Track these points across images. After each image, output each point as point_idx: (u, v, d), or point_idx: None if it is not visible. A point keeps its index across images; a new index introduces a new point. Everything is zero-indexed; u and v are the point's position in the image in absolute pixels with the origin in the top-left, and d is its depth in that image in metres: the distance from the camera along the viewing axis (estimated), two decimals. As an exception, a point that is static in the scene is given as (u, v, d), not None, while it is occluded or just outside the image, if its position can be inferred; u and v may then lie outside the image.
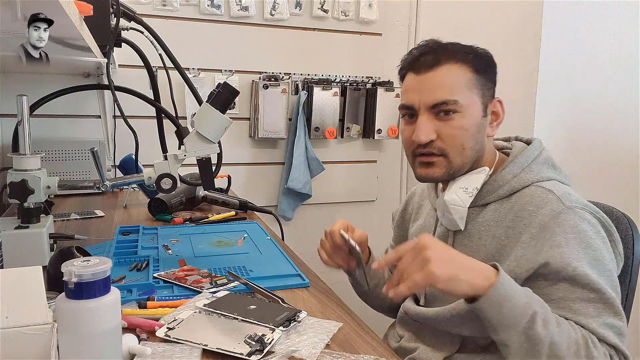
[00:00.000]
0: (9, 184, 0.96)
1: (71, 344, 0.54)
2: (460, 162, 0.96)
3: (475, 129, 0.96)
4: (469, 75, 0.96)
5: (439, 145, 0.96)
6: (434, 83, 0.95)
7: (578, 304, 0.84)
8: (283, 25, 2.21)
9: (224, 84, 0.98)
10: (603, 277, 0.85)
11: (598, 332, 0.83)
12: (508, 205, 0.95)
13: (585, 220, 0.87)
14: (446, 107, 0.94)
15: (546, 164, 0.99)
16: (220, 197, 1.55)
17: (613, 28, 1.72)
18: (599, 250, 0.86)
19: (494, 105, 1.01)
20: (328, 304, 0.87)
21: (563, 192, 0.91)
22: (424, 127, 0.95)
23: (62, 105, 1.87)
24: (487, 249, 0.95)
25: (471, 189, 0.98)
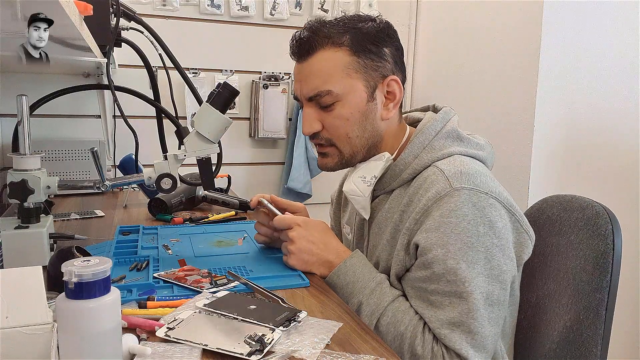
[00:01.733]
0: (9, 184, 0.96)
1: (71, 344, 0.54)
2: (350, 151, 0.94)
3: (360, 116, 0.92)
4: (347, 59, 0.90)
5: (325, 135, 0.94)
6: (310, 72, 0.91)
7: (434, 296, 0.83)
8: (283, 25, 2.21)
9: (224, 84, 0.98)
10: (476, 267, 0.80)
11: (436, 332, 0.81)
12: (407, 189, 0.92)
13: (469, 204, 0.81)
14: (321, 99, 0.91)
15: (450, 137, 0.93)
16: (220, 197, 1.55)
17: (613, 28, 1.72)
18: (477, 236, 0.81)
19: (387, 85, 0.93)
20: (328, 304, 0.87)
21: (455, 171, 0.85)
22: (306, 119, 0.94)
23: (62, 105, 1.87)
24: (385, 235, 0.94)
25: (369, 177, 0.94)
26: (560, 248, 0.97)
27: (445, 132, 0.93)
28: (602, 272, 0.90)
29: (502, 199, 0.85)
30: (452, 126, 0.94)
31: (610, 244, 0.91)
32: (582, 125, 1.74)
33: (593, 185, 1.76)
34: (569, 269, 0.94)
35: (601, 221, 0.93)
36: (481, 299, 0.80)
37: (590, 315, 0.90)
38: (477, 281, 0.80)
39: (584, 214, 0.95)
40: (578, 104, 1.72)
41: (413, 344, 0.83)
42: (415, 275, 0.86)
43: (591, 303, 0.90)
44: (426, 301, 0.84)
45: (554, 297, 0.97)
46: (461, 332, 0.80)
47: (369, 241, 1.03)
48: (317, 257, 0.97)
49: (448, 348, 0.81)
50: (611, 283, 0.90)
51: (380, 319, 0.86)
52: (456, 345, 0.80)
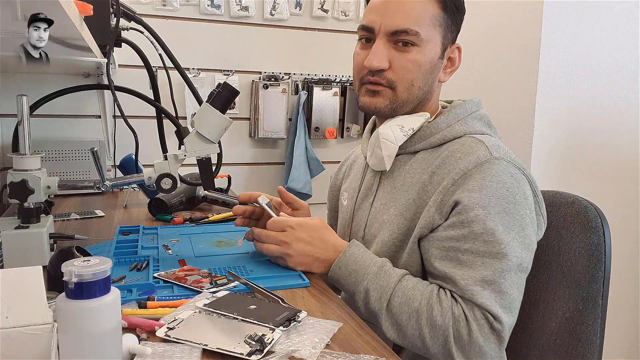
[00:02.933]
0: (9, 184, 0.96)
1: (71, 344, 0.54)
2: (406, 98, 0.94)
3: (429, 68, 0.93)
4: (437, 11, 0.91)
5: (389, 76, 0.93)
6: (400, 8, 0.90)
7: (467, 255, 0.83)
8: (283, 25, 2.21)
9: (224, 84, 0.98)
10: (510, 232, 0.83)
11: (467, 289, 0.81)
12: (437, 153, 0.93)
13: (508, 173, 0.85)
14: (406, 37, 0.90)
15: (482, 120, 0.96)
16: (220, 197, 1.55)
17: (613, 28, 1.72)
18: (514, 203, 0.84)
19: (452, 50, 0.97)
20: (328, 304, 0.87)
21: (493, 144, 0.89)
22: (379, 53, 0.91)
23: (62, 105, 1.87)
24: (408, 194, 0.94)
25: (407, 128, 0.95)
26: (551, 242, 0.99)
27: (478, 115, 0.97)
28: (597, 263, 0.93)
29: (532, 179, 0.90)
30: (485, 112, 0.98)
31: (601, 237, 0.93)
32: (582, 125, 1.74)
33: (592, 184, 1.76)
34: (563, 262, 0.96)
35: (590, 215, 0.95)
36: (515, 262, 0.82)
37: (589, 306, 0.93)
38: (513, 245, 0.82)
39: (572, 209, 0.98)
40: (578, 104, 1.72)
41: (431, 316, 0.82)
42: (447, 234, 0.86)
43: (590, 293, 0.93)
44: (455, 260, 0.84)
45: (547, 289, 0.98)
46: (492, 291, 0.81)
47: (376, 198, 1.02)
48: (315, 257, 0.96)
49: (471, 307, 0.81)
50: (605, 273, 0.94)
51: (390, 301, 0.86)
52: (487, 302, 0.80)
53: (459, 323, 0.81)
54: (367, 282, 0.88)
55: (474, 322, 0.80)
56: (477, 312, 0.81)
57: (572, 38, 1.67)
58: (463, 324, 0.81)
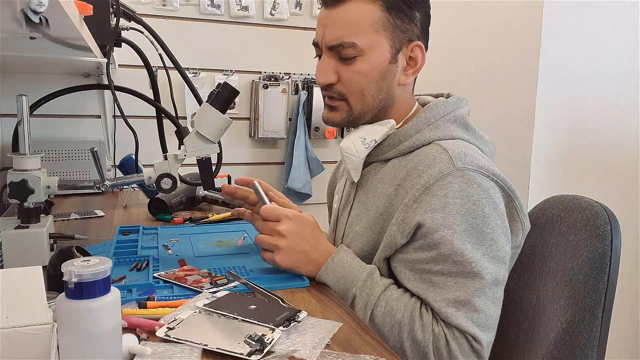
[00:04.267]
0: (9, 183, 0.96)
1: (71, 344, 0.54)
2: (361, 109, 0.92)
3: (378, 76, 0.90)
4: (378, 14, 0.87)
5: (339, 89, 0.91)
6: (336, 21, 0.88)
7: (438, 277, 0.82)
8: (283, 25, 2.21)
9: (224, 84, 0.98)
10: (480, 248, 0.80)
11: (441, 312, 0.80)
12: (405, 162, 0.90)
13: (474, 184, 0.81)
14: (343, 51, 0.88)
15: (456, 122, 0.92)
16: (220, 197, 1.55)
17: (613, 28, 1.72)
18: (482, 217, 0.81)
19: (411, 50, 0.91)
20: (328, 304, 0.87)
21: (458, 152, 0.84)
22: (323, 68, 0.91)
23: (62, 105, 1.87)
24: (376, 207, 0.92)
25: (369, 139, 0.93)
26: (559, 249, 0.97)
27: (453, 116, 0.92)
28: (599, 273, 0.89)
29: (505, 183, 0.86)
30: (461, 113, 0.93)
31: (608, 245, 0.89)
32: (583, 125, 1.74)
33: (593, 186, 1.76)
34: (567, 270, 0.93)
35: (600, 222, 0.91)
36: (488, 279, 0.80)
37: (586, 317, 0.89)
38: (483, 262, 0.80)
39: (584, 215, 0.94)
40: (578, 104, 1.72)
41: (412, 330, 0.81)
42: (417, 256, 0.84)
43: (587, 305, 0.89)
44: (428, 282, 0.83)
45: (553, 298, 0.96)
46: (467, 311, 0.80)
47: (352, 208, 1.00)
48: (306, 255, 0.92)
49: (450, 327, 0.80)
50: (608, 284, 0.89)
51: (374, 310, 0.85)
52: (462, 323, 0.79)
53: (439, 341, 0.80)
54: (355, 289, 0.87)
55: (454, 342, 0.80)
56: (456, 332, 0.80)
57: (572, 38, 1.67)
58: (443, 342, 0.80)
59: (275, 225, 0.92)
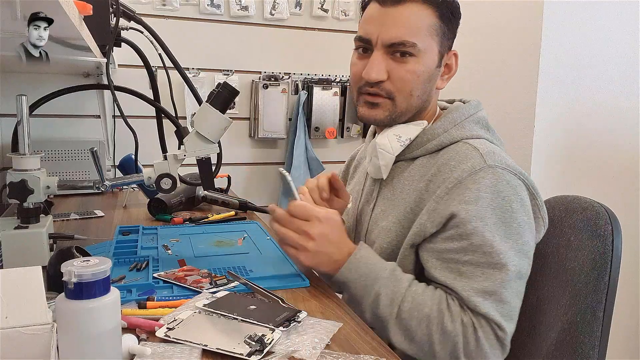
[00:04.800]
0: (9, 184, 0.96)
1: (71, 344, 0.54)
2: (405, 108, 0.94)
3: (427, 78, 0.93)
4: (433, 20, 0.92)
5: (387, 87, 0.93)
6: (397, 20, 0.90)
7: (467, 266, 0.83)
8: (283, 25, 2.21)
9: (223, 84, 0.98)
10: (508, 241, 0.83)
11: (470, 300, 0.82)
12: (434, 160, 0.93)
13: (504, 181, 0.85)
14: (403, 49, 0.90)
15: (479, 123, 0.96)
16: (220, 197, 1.55)
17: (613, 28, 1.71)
18: (511, 212, 0.84)
19: (449, 57, 0.97)
20: (328, 304, 0.87)
21: (488, 150, 0.88)
22: (377, 65, 0.91)
23: (61, 105, 1.87)
24: (406, 202, 0.94)
25: (405, 138, 0.95)
26: (560, 249, 0.97)
27: (476, 118, 0.96)
28: (599, 273, 0.90)
29: (529, 182, 0.90)
30: (483, 115, 0.98)
31: (609, 245, 0.90)
32: (582, 126, 1.74)
33: (593, 186, 1.76)
34: (568, 270, 0.94)
35: (601, 222, 0.92)
36: (514, 271, 0.83)
37: (586, 317, 0.89)
38: (511, 255, 0.83)
39: (585, 215, 0.95)
40: (578, 104, 1.72)
41: (442, 322, 0.82)
42: (447, 246, 0.86)
43: (588, 305, 0.89)
44: (456, 272, 0.84)
45: (554, 298, 0.96)
46: (493, 301, 0.82)
47: (376, 205, 1.01)
48: (330, 257, 0.90)
49: (477, 315, 0.82)
50: (609, 285, 0.89)
51: (401, 306, 0.85)
52: (490, 312, 0.81)
53: (468, 330, 0.81)
54: (379, 287, 0.86)
55: (481, 330, 0.81)
56: (482, 321, 0.82)
57: (572, 38, 1.67)
58: (471, 331, 0.81)
59: (304, 225, 0.89)
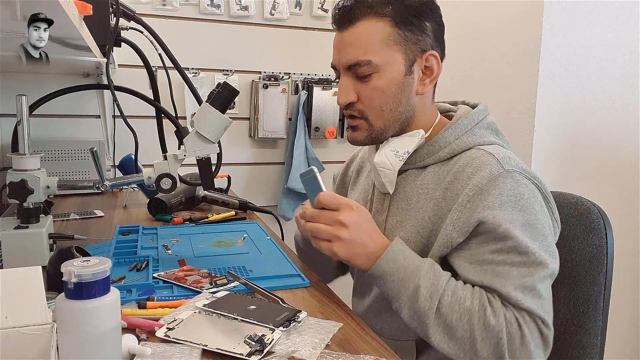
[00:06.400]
0: (9, 184, 0.96)
1: (71, 344, 0.54)
2: (382, 125, 0.93)
3: (395, 89, 0.91)
4: (388, 30, 0.89)
5: (359, 107, 0.93)
6: (350, 41, 0.91)
7: (502, 266, 0.82)
8: (283, 25, 2.21)
9: (223, 84, 0.98)
10: (536, 242, 0.83)
11: (511, 296, 0.80)
12: (448, 167, 0.92)
13: (522, 185, 0.85)
14: (360, 69, 0.90)
15: (489, 128, 0.96)
16: (220, 197, 1.55)
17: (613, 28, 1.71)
18: (534, 214, 0.84)
19: (425, 60, 0.93)
20: (328, 304, 0.87)
21: (504, 156, 0.88)
22: (342, 89, 0.93)
23: (61, 105, 1.87)
24: (424, 211, 0.92)
25: (402, 152, 0.94)
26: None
27: (485, 123, 0.96)
28: (598, 265, 0.93)
29: (543, 186, 0.90)
30: (492, 119, 0.98)
31: (603, 238, 0.94)
32: (583, 125, 1.74)
33: (593, 185, 1.76)
34: (564, 263, 0.95)
35: (593, 217, 0.96)
36: (547, 270, 0.82)
37: (590, 308, 0.93)
38: (542, 254, 0.82)
39: (576, 210, 0.98)
40: (578, 104, 1.72)
41: (484, 316, 0.79)
42: (480, 250, 0.85)
43: (590, 296, 0.93)
44: (492, 273, 0.83)
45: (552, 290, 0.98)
46: (532, 296, 0.81)
47: (388, 216, 1.00)
48: (365, 248, 0.86)
49: (520, 311, 0.80)
50: (607, 276, 0.93)
51: (441, 300, 0.82)
52: (533, 307, 0.80)
53: (512, 326, 0.79)
54: (419, 279, 0.83)
55: (526, 326, 0.79)
56: (526, 316, 0.80)
57: (572, 38, 1.67)
58: (515, 326, 0.79)
59: (335, 214, 0.86)
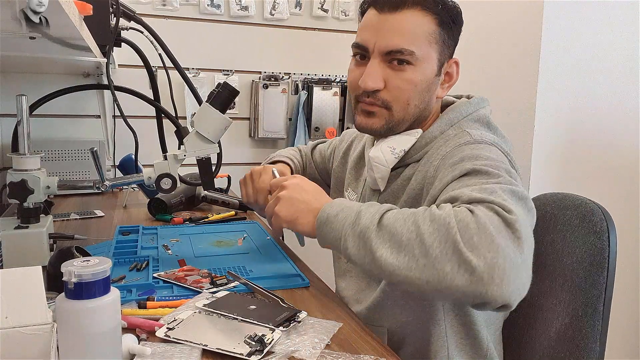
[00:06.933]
0: (9, 184, 0.96)
1: (71, 344, 0.54)
2: (402, 117, 0.92)
3: (425, 87, 0.90)
4: (433, 27, 0.89)
5: (384, 96, 0.90)
6: (395, 27, 0.88)
7: (462, 188, 0.75)
8: (283, 25, 2.21)
9: (223, 84, 0.98)
10: (499, 171, 0.76)
11: (464, 195, 0.72)
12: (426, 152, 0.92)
13: (491, 151, 0.82)
14: (400, 57, 0.88)
15: (479, 122, 0.93)
16: (220, 197, 1.55)
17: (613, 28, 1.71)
18: (495, 161, 0.79)
19: (450, 65, 0.94)
20: (328, 304, 0.87)
21: (480, 134, 0.86)
22: (373, 73, 0.89)
23: (62, 105, 1.87)
24: (407, 203, 0.90)
25: (398, 150, 0.93)
26: (556, 245, 0.98)
27: (475, 116, 0.93)
28: (598, 268, 0.91)
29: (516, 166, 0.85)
30: (484, 113, 0.94)
31: (605, 241, 0.91)
32: (583, 125, 1.74)
33: (593, 185, 1.76)
34: (565, 266, 0.95)
35: (596, 218, 0.93)
36: (510, 185, 0.74)
37: (588, 312, 0.91)
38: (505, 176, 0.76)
39: (579, 212, 0.97)
40: (578, 104, 1.72)
41: (429, 212, 0.70)
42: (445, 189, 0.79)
43: (589, 299, 0.91)
44: (458, 190, 0.76)
45: (550, 294, 0.97)
46: (489, 194, 0.71)
47: None
48: (307, 205, 0.84)
49: (472, 202, 0.70)
50: (607, 279, 0.91)
51: (383, 215, 0.74)
52: (486, 197, 0.69)
53: (461, 212, 0.68)
54: (361, 207, 0.77)
55: (478, 210, 0.67)
56: (479, 205, 0.69)
57: (572, 38, 1.67)
58: (466, 212, 0.67)
59: (279, 182, 0.91)
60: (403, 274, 0.68)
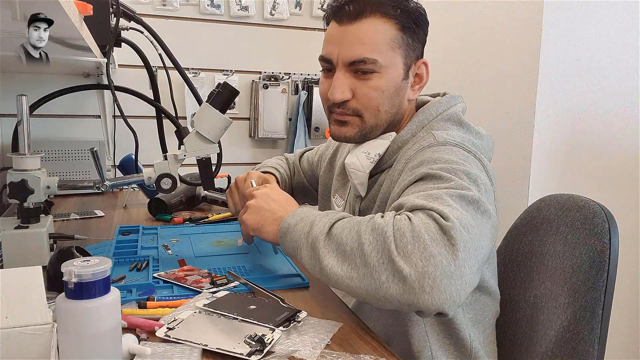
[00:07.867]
0: (9, 184, 0.96)
1: (71, 344, 0.54)
2: (374, 123, 0.93)
3: (393, 92, 0.91)
4: (394, 32, 0.89)
5: (353, 105, 0.91)
6: (355, 37, 0.88)
7: (412, 194, 0.75)
8: (283, 25, 2.21)
9: (224, 84, 0.98)
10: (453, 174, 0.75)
11: (408, 202, 0.72)
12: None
13: (451, 153, 0.81)
14: (364, 67, 0.88)
15: (450, 120, 0.92)
16: (220, 197, 1.55)
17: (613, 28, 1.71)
18: (456, 164, 0.78)
19: (418, 67, 0.94)
20: (328, 304, 0.87)
21: (446, 135, 0.86)
22: (339, 86, 0.90)
23: (62, 105, 1.87)
24: (380, 209, 0.92)
25: (373, 154, 0.93)
26: (557, 247, 0.97)
27: (446, 115, 0.93)
28: (598, 271, 0.90)
29: (485, 163, 0.84)
30: (454, 111, 0.94)
31: (606, 243, 0.90)
32: (583, 125, 1.74)
33: (593, 186, 1.76)
34: (566, 268, 0.94)
35: (598, 220, 0.92)
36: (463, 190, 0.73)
37: (586, 315, 0.90)
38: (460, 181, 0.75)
39: (581, 214, 0.95)
40: (578, 104, 1.72)
41: (372, 221, 0.71)
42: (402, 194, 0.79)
43: (588, 302, 0.90)
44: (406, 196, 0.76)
45: (551, 296, 0.96)
46: (432, 200, 0.71)
47: None
48: (273, 214, 0.86)
49: (413, 210, 0.71)
50: (608, 282, 0.90)
51: (335, 223, 0.75)
52: (426, 204, 0.70)
53: (400, 221, 0.68)
54: (315, 217, 0.79)
55: (416, 218, 0.68)
56: (419, 212, 0.70)
57: (572, 38, 1.67)
58: (405, 221, 0.68)
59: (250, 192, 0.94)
60: (346, 282, 0.70)
